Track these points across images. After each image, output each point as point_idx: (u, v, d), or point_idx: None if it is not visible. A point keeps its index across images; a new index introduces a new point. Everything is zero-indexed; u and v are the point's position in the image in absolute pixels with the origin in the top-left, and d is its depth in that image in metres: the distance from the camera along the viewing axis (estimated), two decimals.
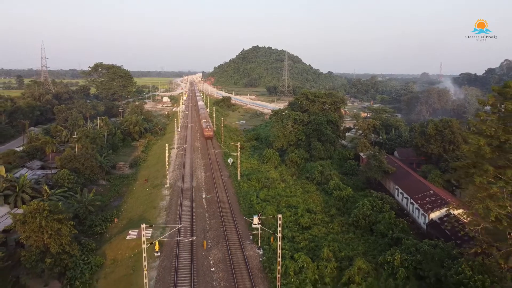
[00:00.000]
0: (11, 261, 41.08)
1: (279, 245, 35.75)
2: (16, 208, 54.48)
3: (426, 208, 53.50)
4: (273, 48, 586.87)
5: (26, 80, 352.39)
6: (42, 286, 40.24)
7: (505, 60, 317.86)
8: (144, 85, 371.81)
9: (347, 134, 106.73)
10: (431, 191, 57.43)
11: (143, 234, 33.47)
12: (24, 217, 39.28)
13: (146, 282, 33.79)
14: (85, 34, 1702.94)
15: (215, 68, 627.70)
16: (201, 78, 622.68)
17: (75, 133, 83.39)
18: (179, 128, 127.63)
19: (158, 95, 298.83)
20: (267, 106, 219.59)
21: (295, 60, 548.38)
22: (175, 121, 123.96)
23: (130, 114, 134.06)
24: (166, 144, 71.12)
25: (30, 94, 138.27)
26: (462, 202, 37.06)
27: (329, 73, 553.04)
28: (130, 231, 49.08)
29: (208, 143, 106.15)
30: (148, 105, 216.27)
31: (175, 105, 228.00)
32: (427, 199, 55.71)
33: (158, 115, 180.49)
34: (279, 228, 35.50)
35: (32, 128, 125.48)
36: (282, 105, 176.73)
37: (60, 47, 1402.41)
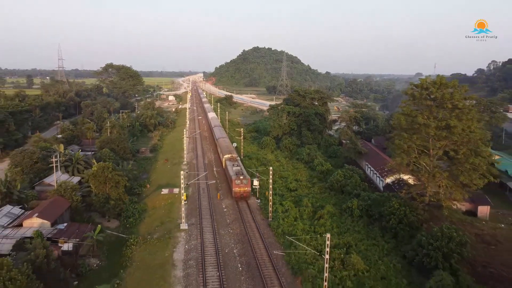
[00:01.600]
0: (85, 204, 58.57)
1: (271, 188, 53.22)
2: (73, 176, 71.90)
3: (383, 175, 71.06)
4: (273, 49, 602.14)
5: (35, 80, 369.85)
6: (106, 221, 57.66)
7: (492, 61, 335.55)
8: (148, 85, 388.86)
9: (336, 126, 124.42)
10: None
11: (182, 175, 50.70)
12: (96, 171, 56.72)
13: (183, 210, 51.13)
14: (85, 35, 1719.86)
15: (216, 68, 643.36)
16: (202, 78, 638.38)
17: (108, 122, 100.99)
18: (188, 121, 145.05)
19: (163, 94, 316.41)
20: (266, 104, 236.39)
21: (294, 61, 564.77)
22: (186, 115, 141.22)
23: (144, 110, 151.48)
24: (184, 130, 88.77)
25: (55, 92, 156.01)
26: (392, 161, 54.43)
27: (327, 73, 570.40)
28: (162, 189, 66.62)
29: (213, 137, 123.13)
30: (156, 103, 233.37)
31: (180, 103, 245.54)
32: (385, 169, 73.12)
33: (167, 111, 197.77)
34: (271, 176, 52.94)
35: (58, 121, 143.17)
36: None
37: (61, 48, 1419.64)
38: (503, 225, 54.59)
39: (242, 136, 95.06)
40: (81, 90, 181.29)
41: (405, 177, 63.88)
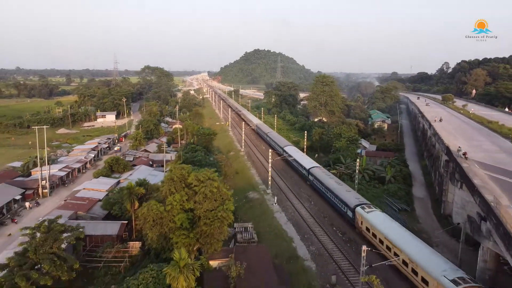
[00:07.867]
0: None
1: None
2: (174, 119, 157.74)
3: (314, 118, 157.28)
4: (271, 51, 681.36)
5: (54, 79, 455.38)
6: None
7: (445, 62, 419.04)
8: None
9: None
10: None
11: (230, 114, 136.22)
12: (194, 111, 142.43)
13: (229, 126, 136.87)
14: (87, 36, 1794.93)
15: (221, 68, 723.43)
16: (208, 77, 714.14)
17: (178, 98, 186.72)
18: (215, 103, 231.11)
19: (182, 89, 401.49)
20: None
21: (290, 61, 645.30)
22: (210, 101, 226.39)
23: (185, 95, 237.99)
24: (221, 101, 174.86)
25: (128, 84, 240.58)
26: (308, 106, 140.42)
27: (319, 72, 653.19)
28: (216, 123, 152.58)
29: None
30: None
31: (200, 95, 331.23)
32: (315, 117, 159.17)
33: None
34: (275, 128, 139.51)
35: (132, 103, 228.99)
36: None
37: (61, 48, 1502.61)
38: None
39: (249, 105, 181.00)
40: (141, 83, 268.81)
41: (322, 118, 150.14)
